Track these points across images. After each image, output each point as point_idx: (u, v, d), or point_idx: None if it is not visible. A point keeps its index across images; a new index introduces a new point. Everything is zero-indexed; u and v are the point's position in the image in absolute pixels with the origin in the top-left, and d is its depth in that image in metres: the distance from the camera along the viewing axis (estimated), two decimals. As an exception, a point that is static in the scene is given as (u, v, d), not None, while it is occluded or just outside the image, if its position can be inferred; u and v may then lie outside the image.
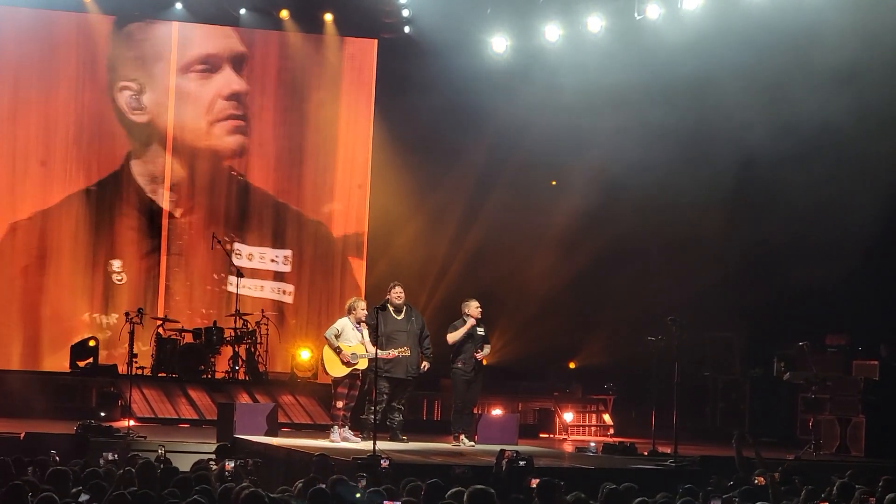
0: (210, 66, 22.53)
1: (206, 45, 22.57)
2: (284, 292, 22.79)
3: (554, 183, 23.01)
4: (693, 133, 20.14)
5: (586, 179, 21.68)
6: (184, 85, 22.41)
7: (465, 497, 8.59)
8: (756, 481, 11.37)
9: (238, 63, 22.64)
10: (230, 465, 11.46)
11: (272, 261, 22.76)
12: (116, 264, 21.99)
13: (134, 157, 22.21)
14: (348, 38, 23.24)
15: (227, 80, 22.57)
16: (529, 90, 21.95)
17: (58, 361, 21.07)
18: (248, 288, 22.24)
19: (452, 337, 16.67)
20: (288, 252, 22.81)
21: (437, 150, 22.58)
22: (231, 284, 21.77)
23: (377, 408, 15.89)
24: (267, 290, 22.64)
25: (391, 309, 16.38)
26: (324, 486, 9.52)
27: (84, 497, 9.31)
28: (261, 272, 22.61)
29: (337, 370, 15.86)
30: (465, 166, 22.68)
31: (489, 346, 17.07)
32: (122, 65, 22.18)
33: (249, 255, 22.67)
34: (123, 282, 21.99)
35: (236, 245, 22.51)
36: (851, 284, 19.42)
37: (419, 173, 22.83)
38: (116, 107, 22.15)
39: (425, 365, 16.63)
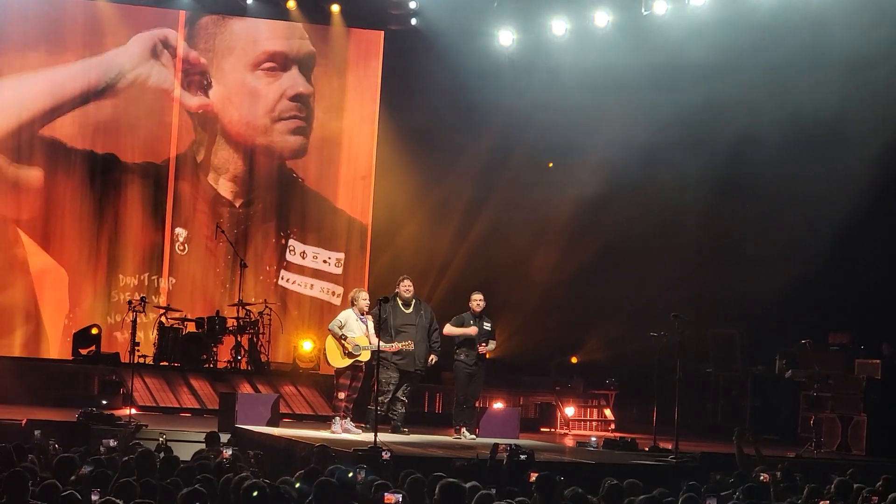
0: (278, 64, 22.73)
1: (275, 44, 22.74)
2: (334, 294, 22.83)
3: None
4: (699, 129, 20.13)
5: (590, 174, 21.66)
6: (251, 81, 22.56)
7: (437, 489, 8.60)
8: (761, 478, 11.36)
9: (307, 64, 22.80)
10: (227, 452, 11.49)
11: (324, 262, 22.86)
12: (182, 234, 22.05)
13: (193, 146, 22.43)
14: (355, 29, 23.24)
15: (294, 80, 22.74)
16: (535, 84, 21.94)
17: (60, 347, 21.16)
18: (297, 284, 22.59)
19: (448, 330, 16.62)
20: (341, 255, 22.89)
21: (441, 142, 22.58)
22: (282, 279, 22.55)
23: (382, 398, 15.92)
24: (316, 290, 22.73)
25: (400, 302, 16.39)
26: (329, 477, 9.50)
27: (87, 468, 9.38)
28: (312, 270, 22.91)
29: (339, 361, 15.86)
30: (469, 159, 22.68)
31: (494, 342, 16.99)
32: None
33: (303, 252, 22.76)
34: (185, 252, 22.08)
35: (291, 241, 22.71)
36: (855, 282, 19.41)
37: (424, 165, 22.84)
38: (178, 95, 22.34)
39: (433, 358, 16.63)
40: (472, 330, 16.49)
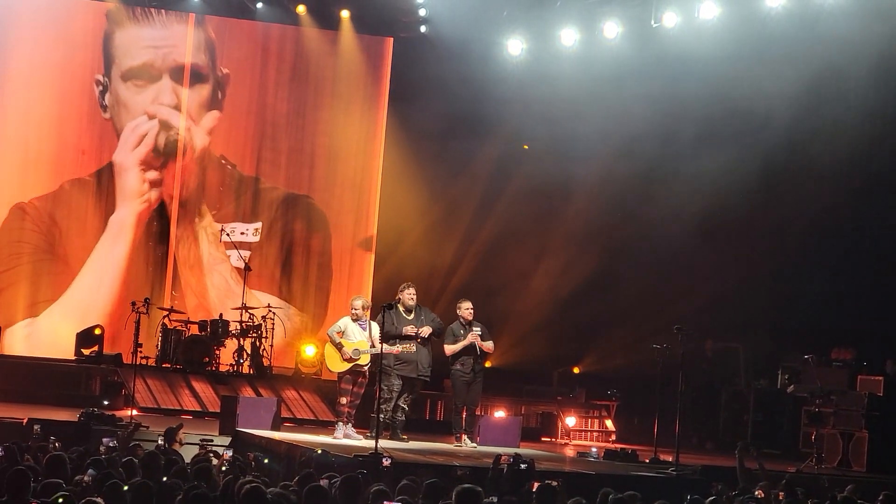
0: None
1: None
2: (241, 258, 22.41)
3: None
4: (705, 143, 20.10)
5: (596, 185, 21.67)
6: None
7: (454, 495, 8.57)
8: (756, 493, 11.32)
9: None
10: (228, 454, 11.49)
11: (242, 234, 22.71)
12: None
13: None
14: (364, 35, 23.26)
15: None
16: (543, 93, 21.94)
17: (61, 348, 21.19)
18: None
19: (450, 349, 16.61)
20: (258, 224, 22.78)
21: (448, 149, 22.57)
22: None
23: (385, 406, 15.89)
24: (233, 259, 22.43)
25: (402, 309, 16.37)
26: (321, 482, 9.49)
27: (90, 473, 9.40)
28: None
29: (338, 365, 15.86)
30: (476, 168, 22.68)
31: (491, 342, 16.92)
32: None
33: (222, 230, 22.54)
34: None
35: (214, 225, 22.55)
36: (859, 298, 19.39)
37: (430, 172, 22.83)
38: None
39: (426, 330, 16.41)
40: (473, 337, 16.49)
